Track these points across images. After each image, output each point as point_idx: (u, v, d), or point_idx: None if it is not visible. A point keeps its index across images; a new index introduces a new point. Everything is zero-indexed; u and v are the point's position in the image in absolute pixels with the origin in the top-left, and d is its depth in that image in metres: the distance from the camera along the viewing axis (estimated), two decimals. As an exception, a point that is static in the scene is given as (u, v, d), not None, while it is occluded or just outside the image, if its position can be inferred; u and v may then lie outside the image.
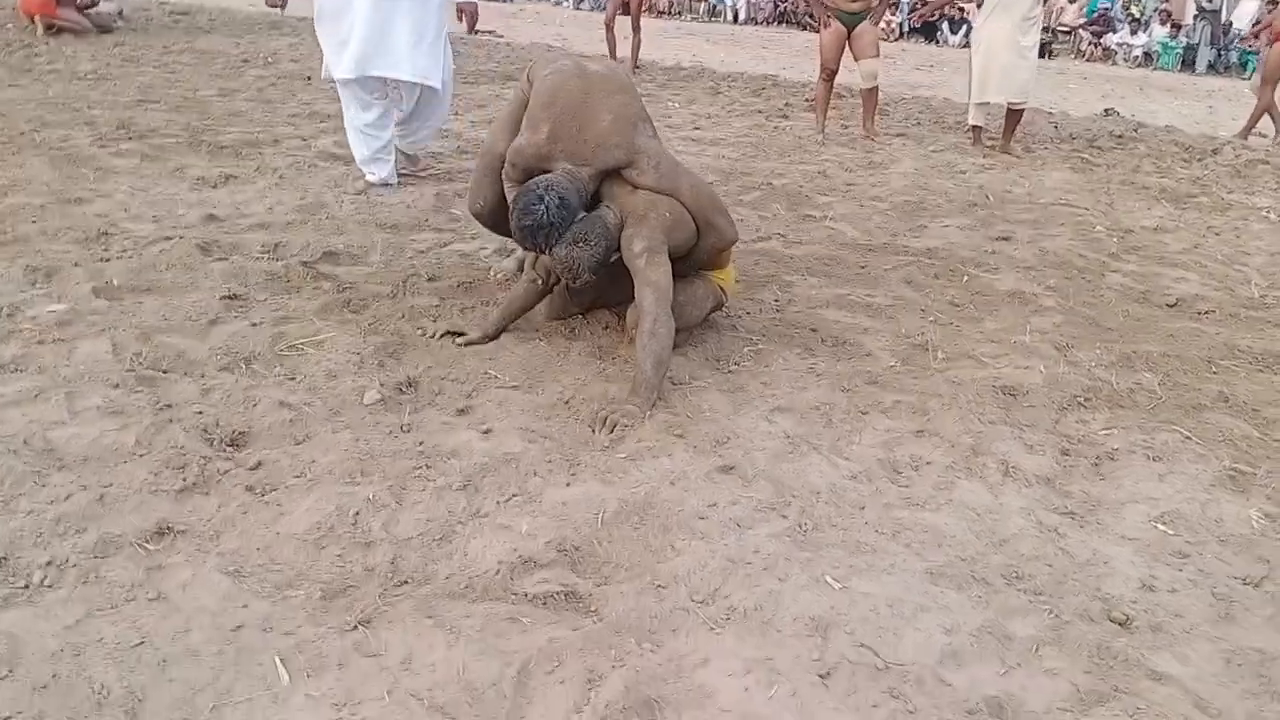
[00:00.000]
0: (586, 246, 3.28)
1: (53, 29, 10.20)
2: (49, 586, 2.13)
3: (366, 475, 2.66)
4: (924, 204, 6.24)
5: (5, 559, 2.19)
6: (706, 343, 3.72)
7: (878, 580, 2.39)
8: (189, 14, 14.28)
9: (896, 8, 21.59)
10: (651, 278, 3.31)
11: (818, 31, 8.34)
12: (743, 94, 10.68)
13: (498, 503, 2.59)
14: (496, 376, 3.32)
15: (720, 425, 3.10)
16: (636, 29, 11.04)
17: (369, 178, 5.51)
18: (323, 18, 5.20)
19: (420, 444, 2.84)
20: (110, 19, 11.24)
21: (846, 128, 8.89)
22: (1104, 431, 3.29)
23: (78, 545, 2.25)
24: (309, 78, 9.22)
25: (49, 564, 2.19)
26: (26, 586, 2.12)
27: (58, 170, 5.27)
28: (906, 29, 22.25)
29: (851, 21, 8.03)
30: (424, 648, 2.04)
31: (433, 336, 3.56)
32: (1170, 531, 2.73)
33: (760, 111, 9.54)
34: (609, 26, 11.01)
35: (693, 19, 23.16)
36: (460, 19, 5.70)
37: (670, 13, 23.67)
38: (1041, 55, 13.87)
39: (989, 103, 8.13)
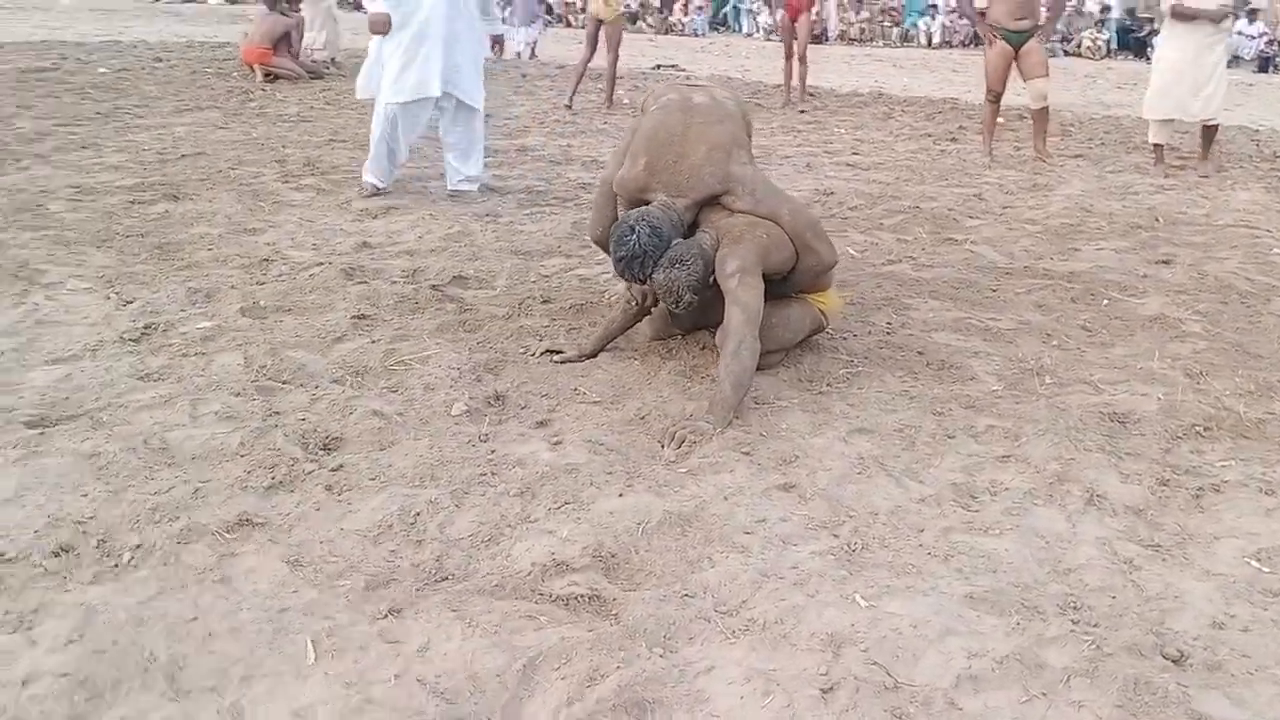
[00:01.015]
0: (683, 268, 3.35)
1: (270, 76, 11.24)
2: (134, 566, 2.40)
3: (435, 480, 2.83)
4: (1081, 226, 5.95)
5: (104, 540, 2.48)
6: (801, 364, 3.71)
7: (910, 601, 2.33)
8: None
9: (1102, 25, 20.52)
10: (742, 298, 3.35)
11: None
12: (915, 119, 10.49)
13: (549, 510, 2.70)
14: (584, 393, 3.44)
15: (792, 444, 3.10)
16: (802, 58, 11.03)
17: (367, 181, 6.12)
18: (390, 41, 5.75)
19: (492, 453, 2.99)
20: (323, 65, 12.26)
21: (1019, 149, 8.58)
22: (1220, 464, 3.07)
23: (167, 532, 2.52)
24: (489, 115, 9.74)
25: (138, 547, 2.46)
26: (116, 566, 2.40)
27: (241, 204, 5.83)
28: (1114, 45, 21.10)
29: (1018, 40, 7.75)
30: (441, 638, 2.17)
31: (533, 355, 3.72)
32: (1265, 569, 2.52)
33: (929, 135, 9.34)
34: (787, 58, 11.06)
35: (885, 45, 22.82)
36: (494, 48, 6.19)
37: (862, 39, 23.41)
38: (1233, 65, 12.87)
39: (1172, 120, 7.64)
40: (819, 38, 10.88)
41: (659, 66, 15.65)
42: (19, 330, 3.79)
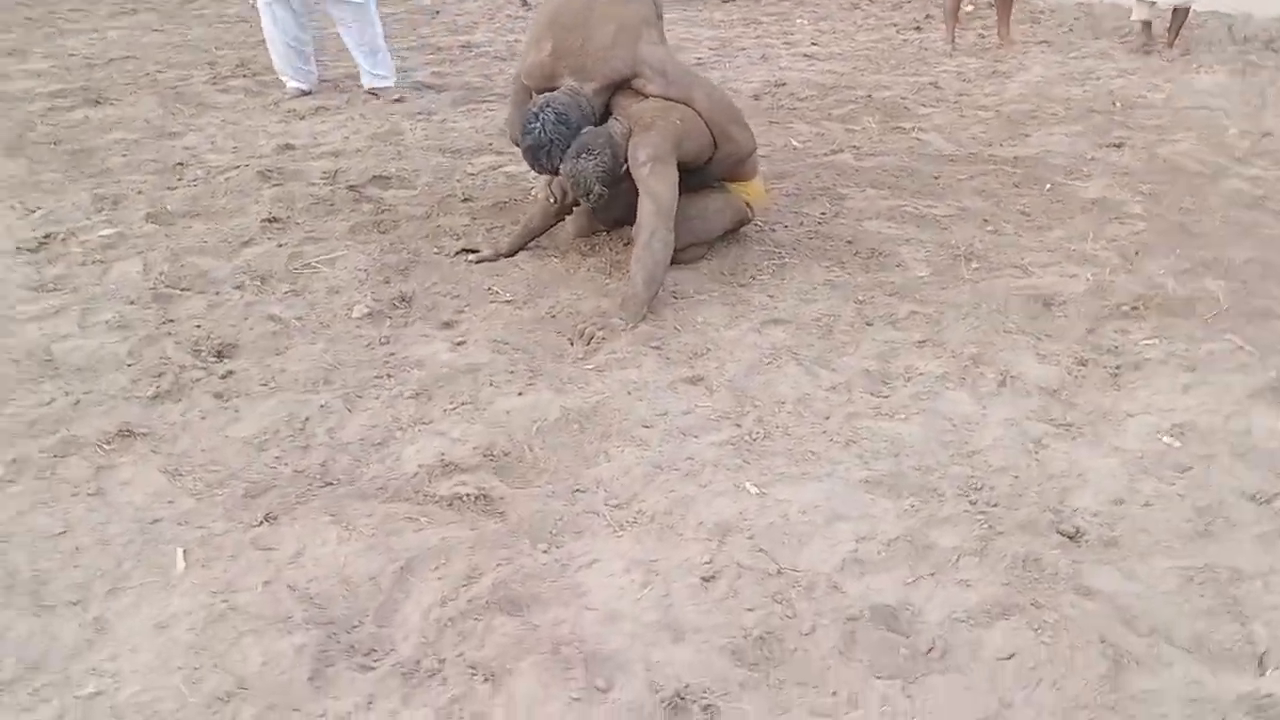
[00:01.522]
0: (591, 158, 3.21)
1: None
2: (10, 481, 2.31)
3: (328, 384, 2.74)
4: (1036, 112, 5.78)
5: (-21, 454, 2.39)
6: (726, 256, 3.61)
7: (803, 487, 2.28)
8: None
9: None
10: (654, 188, 3.21)
11: None
12: (881, 8, 10.15)
13: (444, 410, 2.61)
14: (496, 292, 3.33)
15: (705, 337, 3.01)
16: None
17: (290, 85, 5.89)
18: None
19: (391, 355, 2.89)
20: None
21: (984, 36, 8.32)
22: (1144, 342, 3.01)
23: (43, 445, 2.43)
24: (438, 12, 9.40)
25: (13, 461, 2.37)
26: (-7, 480, 2.31)
27: (164, 108, 5.60)
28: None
29: (978, -82, 7.43)
30: (316, 543, 2.10)
31: (448, 255, 3.60)
32: (1175, 444, 2.47)
33: (893, 25, 9.05)
34: None
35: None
36: None
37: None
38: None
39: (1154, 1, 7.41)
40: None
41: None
42: (-87, 243, 3.64)
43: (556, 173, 3.32)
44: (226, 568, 2.03)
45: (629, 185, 3.32)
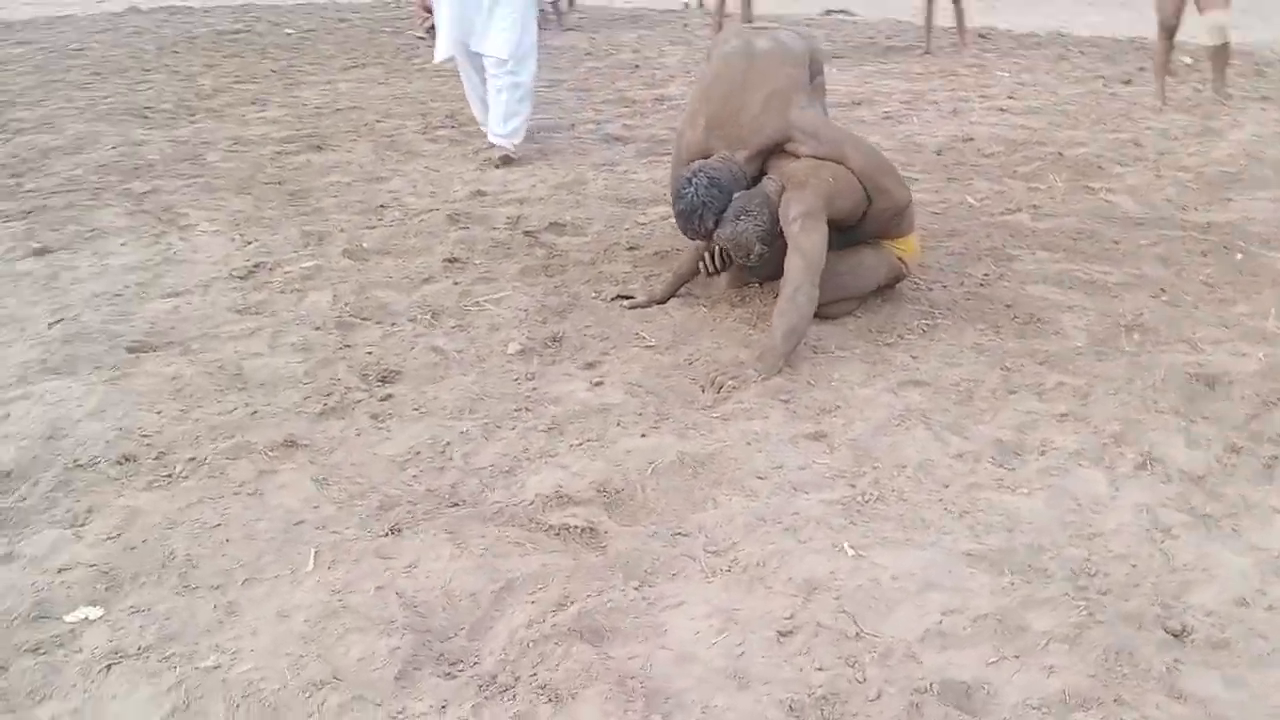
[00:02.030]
0: (749, 219, 3.30)
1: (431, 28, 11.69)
2: (184, 477, 2.63)
3: (473, 413, 2.95)
4: (1242, 174, 5.43)
5: (164, 453, 2.73)
6: (877, 314, 3.61)
7: (902, 554, 2.27)
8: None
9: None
10: (803, 244, 3.27)
11: None
12: (1092, 60, 9.76)
13: (570, 445, 2.76)
14: (643, 337, 3.47)
15: (837, 394, 3.03)
16: None
17: (499, 141, 5.90)
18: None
19: (534, 390, 3.08)
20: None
21: (1200, 90, 7.87)
22: (1312, 431, 2.79)
23: (218, 449, 2.74)
24: (637, 66, 9.79)
25: (191, 460, 2.69)
26: (169, 476, 2.64)
27: (376, 154, 6.12)
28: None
29: (1195, -32, 7.08)
30: (430, 557, 2.28)
31: (604, 300, 3.77)
32: (1322, 547, 2.30)
33: (1101, 77, 8.69)
34: None
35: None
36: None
37: (1063, -19, 21.88)
38: None
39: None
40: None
41: (829, 12, 15.19)
42: (148, 266, 4.16)
43: (709, 237, 3.42)
44: (348, 570, 2.24)
45: (781, 241, 3.39)
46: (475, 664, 1.98)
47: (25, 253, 4.34)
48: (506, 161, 5.83)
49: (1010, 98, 7.82)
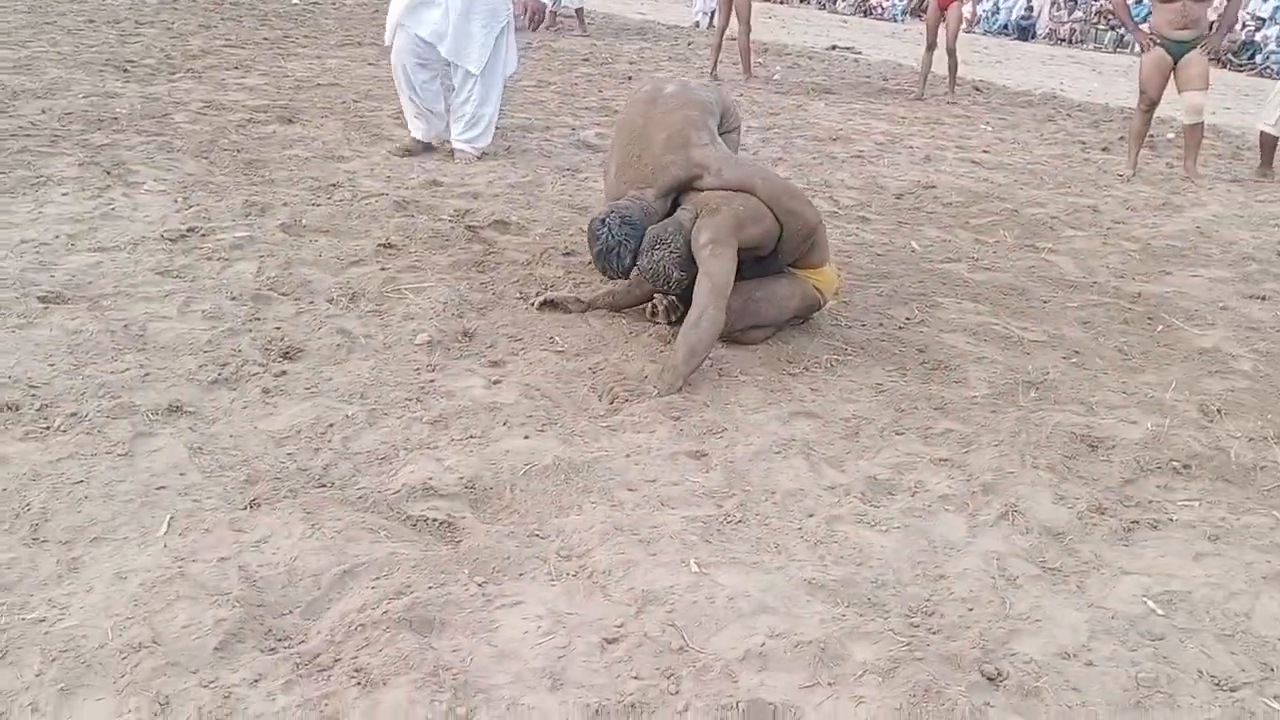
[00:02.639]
0: (664, 247, 3.35)
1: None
2: (61, 431, 2.64)
3: (363, 398, 2.97)
4: (1188, 251, 5.52)
5: (47, 405, 2.74)
6: (789, 343, 3.66)
7: (746, 575, 2.31)
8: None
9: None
10: (711, 268, 3.32)
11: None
12: (1078, 124, 9.90)
13: (451, 440, 2.79)
14: (555, 342, 3.50)
15: (728, 417, 3.07)
16: (950, 50, 10.50)
17: (414, 133, 5.88)
18: None
19: (430, 383, 3.11)
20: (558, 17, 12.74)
21: (1172, 166, 7.99)
22: (1181, 502, 2.86)
23: (102, 407, 2.75)
24: (630, 77, 9.85)
25: (73, 415, 2.71)
26: (47, 428, 2.65)
27: (345, 134, 6.15)
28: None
29: (1179, 50, 7.20)
30: (282, 535, 2.30)
31: (532, 304, 3.80)
32: (1159, 611, 2.35)
33: (1081, 142, 8.81)
34: (928, 49, 10.48)
35: (1095, 48, 21.52)
36: (529, 19, 5.93)
37: (1071, 40, 22.17)
38: None
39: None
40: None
41: (834, 48, 15.35)
42: (84, 219, 4.17)
43: (627, 275, 3.48)
44: (197, 539, 2.26)
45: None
46: (301, 642, 2.00)
47: (-36, 192, 4.35)
48: (479, 160, 5.92)
49: (985, 151, 7.93)
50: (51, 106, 6.01)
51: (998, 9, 23.34)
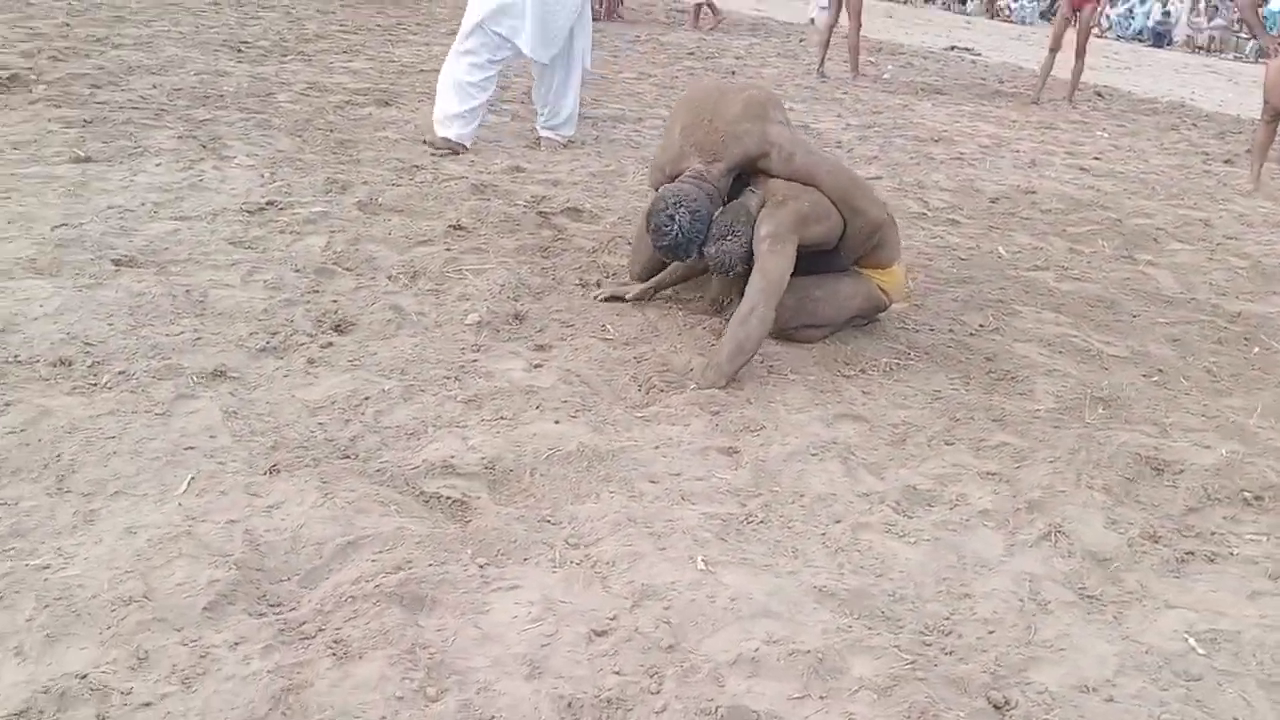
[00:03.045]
0: (734, 240, 3.24)
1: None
2: (108, 388, 2.73)
3: (402, 373, 2.99)
4: (1304, 270, 5.16)
5: (99, 363, 2.83)
6: (847, 344, 3.54)
7: (754, 578, 2.23)
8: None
9: None
10: (767, 264, 3.23)
11: None
12: (1203, 135, 9.38)
13: (481, 420, 2.78)
14: (606, 329, 3.47)
15: (769, 415, 2.99)
16: (1080, 53, 10.05)
17: (442, 131, 5.54)
18: None
19: (472, 362, 3.10)
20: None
21: (1305, 183, 7.49)
22: (1247, 536, 2.65)
23: (149, 367, 2.83)
24: (733, 72, 9.76)
25: (121, 373, 2.79)
26: (94, 384, 2.74)
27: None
28: None
29: (1316, 55, 6.73)
30: (295, 498, 2.32)
31: (583, 287, 3.77)
32: (1200, 650, 2.18)
33: (1204, 153, 8.35)
34: (1051, 50, 10.09)
35: (1235, 58, 20.38)
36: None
37: (1210, 49, 21.07)
38: None
39: None
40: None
41: (953, 48, 14.92)
42: (171, 189, 4.32)
43: (696, 256, 3.37)
44: (212, 500, 2.30)
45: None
46: (291, 610, 2.01)
47: (67, 159, 4.55)
48: (566, 146, 5.89)
49: (1096, 158, 7.58)
50: (162, 82, 6.26)
51: (1132, 14, 22.33)
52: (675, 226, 3.19)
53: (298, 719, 1.71)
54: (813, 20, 15.86)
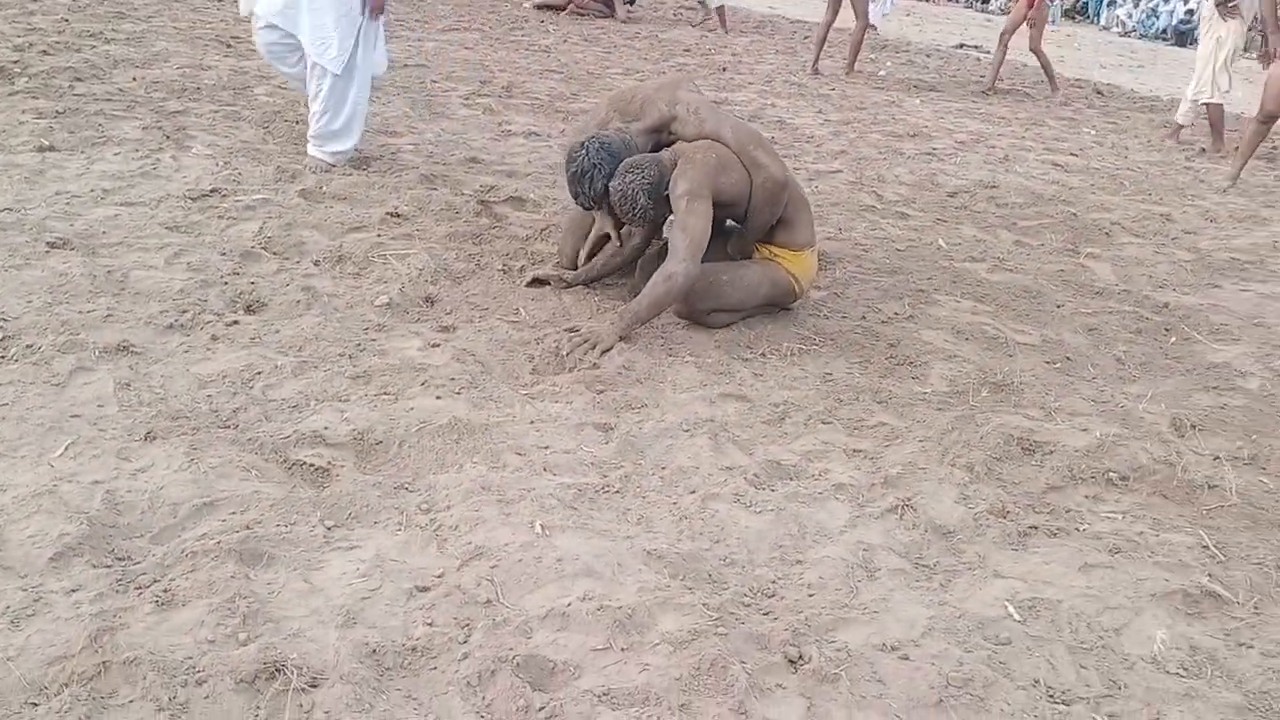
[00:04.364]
0: (637, 173, 3.41)
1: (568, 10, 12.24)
2: (13, 361, 2.87)
3: (299, 350, 3.11)
4: (1251, 265, 5.18)
5: (10, 338, 2.97)
6: (755, 329, 3.63)
7: (588, 541, 2.33)
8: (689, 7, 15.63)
9: None
10: (687, 222, 3.37)
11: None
12: (1198, 133, 9.26)
13: (365, 395, 2.90)
14: (518, 313, 3.58)
15: (654, 394, 3.09)
16: (1035, 50, 10.12)
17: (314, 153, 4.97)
18: None
19: (371, 341, 3.23)
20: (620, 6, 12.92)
21: (1285, 181, 7.46)
22: (1104, 514, 2.72)
23: (57, 342, 2.97)
24: (724, 68, 9.83)
25: (29, 347, 2.93)
26: (2, 357, 2.88)
27: (413, 111, 6.38)
28: None
29: (1314, 64, 6.71)
30: (162, 462, 2.45)
31: (504, 272, 3.89)
32: (1016, 617, 2.26)
33: (1190, 151, 8.31)
34: (1003, 41, 10.14)
35: (1256, 57, 20.07)
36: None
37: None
38: None
39: None
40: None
41: (961, 46, 14.88)
42: (124, 176, 4.48)
43: (600, 203, 3.52)
44: (84, 463, 2.43)
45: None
46: (136, 564, 2.13)
47: (32, 148, 4.72)
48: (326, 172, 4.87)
49: (1073, 154, 7.60)
50: (144, 76, 6.44)
51: (1156, 13, 22.09)
52: (583, 153, 3.45)
53: (106, 656, 1.83)
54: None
